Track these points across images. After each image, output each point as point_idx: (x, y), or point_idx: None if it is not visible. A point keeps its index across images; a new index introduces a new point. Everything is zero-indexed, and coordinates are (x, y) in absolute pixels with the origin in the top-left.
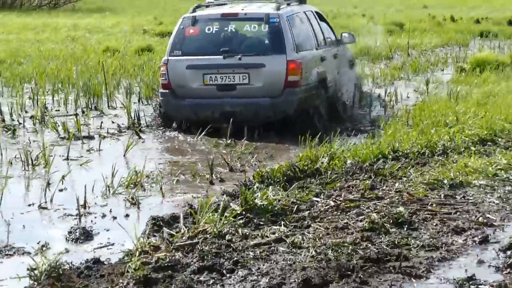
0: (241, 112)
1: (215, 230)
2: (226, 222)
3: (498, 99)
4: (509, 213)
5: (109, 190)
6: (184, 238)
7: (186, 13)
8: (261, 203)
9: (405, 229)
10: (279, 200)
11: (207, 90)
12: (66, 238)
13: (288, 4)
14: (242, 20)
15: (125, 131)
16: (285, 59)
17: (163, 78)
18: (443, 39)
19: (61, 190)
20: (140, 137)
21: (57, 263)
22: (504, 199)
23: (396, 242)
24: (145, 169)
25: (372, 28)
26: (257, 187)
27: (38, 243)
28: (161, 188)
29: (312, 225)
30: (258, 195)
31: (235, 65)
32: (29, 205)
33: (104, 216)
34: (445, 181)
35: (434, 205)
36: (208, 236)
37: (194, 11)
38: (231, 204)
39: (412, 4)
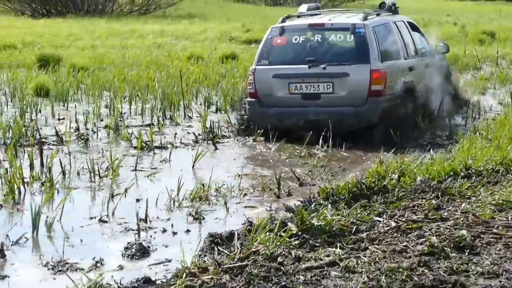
0: (325, 120)
1: (267, 251)
2: (280, 242)
3: None
4: None
5: (173, 203)
6: (235, 259)
7: (275, 20)
8: (318, 223)
9: (466, 253)
10: (338, 220)
11: (292, 99)
12: (122, 254)
13: (378, 14)
14: (329, 30)
15: (199, 142)
16: (369, 68)
17: (250, 87)
18: None
19: (125, 203)
20: (216, 148)
21: (97, 284)
22: None
23: (455, 268)
24: (214, 181)
25: (460, 37)
26: (315, 206)
27: (93, 259)
28: (225, 203)
29: (369, 247)
30: (315, 215)
31: (319, 74)
32: (91, 218)
33: (164, 231)
34: None
35: (500, 228)
36: (259, 257)
37: (283, 21)
38: (288, 223)
39: (507, 13)
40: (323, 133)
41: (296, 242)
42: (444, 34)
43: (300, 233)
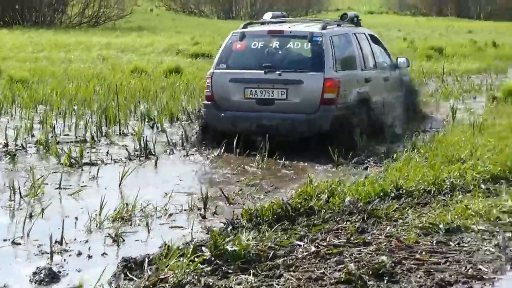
0: (278, 126)
1: (175, 279)
2: (191, 269)
3: None
4: (504, 264)
5: (93, 224)
6: (141, 287)
7: (225, 33)
8: (232, 249)
9: (384, 281)
10: (254, 245)
11: (247, 104)
12: (30, 280)
13: (339, 25)
14: (288, 38)
15: (132, 158)
16: (322, 76)
17: (207, 90)
18: (480, 65)
19: (42, 223)
20: (152, 164)
21: None
22: (502, 247)
23: None
24: (140, 200)
25: (409, 52)
26: (233, 228)
27: None
28: (147, 224)
29: (284, 274)
30: (231, 239)
31: (275, 80)
32: (4, 240)
33: (79, 254)
34: (441, 226)
35: (423, 253)
36: (167, 285)
37: (245, 27)
38: (203, 247)
39: (457, 29)
40: (262, 145)
41: (208, 268)
42: (393, 49)
43: (213, 258)
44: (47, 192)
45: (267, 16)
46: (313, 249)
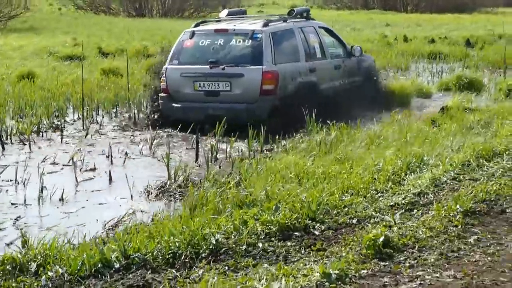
0: (222, 115)
1: None
2: None
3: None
4: None
5: None
6: None
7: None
8: None
9: None
10: None
11: (196, 95)
12: None
13: (285, 21)
14: (231, 35)
15: None
16: (261, 70)
17: (163, 83)
18: (381, 62)
19: None
20: None
21: None
22: None
23: None
24: None
25: None
26: None
27: None
28: None
29: None
30: None
31: (219, 74)
32: None
33: None
34: None
35: None
36: None
37: (196, 25)
38: None
39: (376, 23)
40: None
41: None
42: None
43: None
44: None
45: (223, 13)
46: None
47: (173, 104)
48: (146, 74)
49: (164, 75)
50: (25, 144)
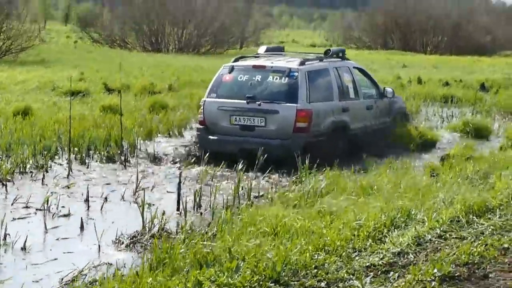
0: (256, 149)
1: None
2: None
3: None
4: None
5: None
6: None
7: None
8: None
9: None
10: None
11: (232, 129)
12: None
13: (321, 60)
14: (269, 72)
15: None
16: (295, 107)
17: (200, 115)
18: None
19: None
20: None
21: None
22: None
23: None
24: None
25: None
26: None
27: None
28: None
29: None
30: None
31: (255, 109)
32: None
33: None
34: None
35: None
36: None
37: (235, 60)
38: None
39: (393, 63)
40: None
41: None
42: None
43: None
44: None
45: (262, 49)
46: None
47: (210, 136)
48: (148, 113)
49: (202, 107)
50: (4, 185)
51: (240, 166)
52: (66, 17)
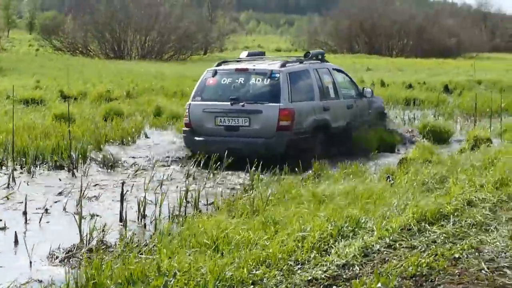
0: (241, 149)
1: None
2: None
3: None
4: None
5: None
6: None
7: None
8: None
9: None
10: None
11: (217, 130)
12: None
13: (301, 62)
14: (251, 74)
15: None
16: (278, 107)
17: (186, 118)
18: None
19: None
20: None
21: None
22: None
23: None
24: None
25: None
26: None
27: None
28: None
29: None
30: None
31: (239, 110)
32: None
33: None
34: None
35: None
36: None
37: (218, 65)
38: None
39: (357, 67)
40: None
41: None
42: None
43: None
44: None
45: (243, 54)
46: None
47: (196, 138)
48: (102, 120)
49: (187, 110)
50: None
51: (191, 170)
52: (30, 25)
